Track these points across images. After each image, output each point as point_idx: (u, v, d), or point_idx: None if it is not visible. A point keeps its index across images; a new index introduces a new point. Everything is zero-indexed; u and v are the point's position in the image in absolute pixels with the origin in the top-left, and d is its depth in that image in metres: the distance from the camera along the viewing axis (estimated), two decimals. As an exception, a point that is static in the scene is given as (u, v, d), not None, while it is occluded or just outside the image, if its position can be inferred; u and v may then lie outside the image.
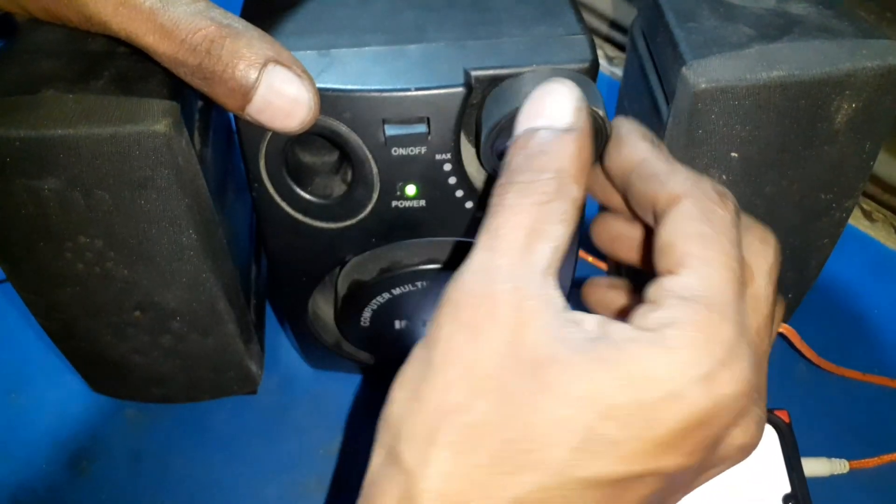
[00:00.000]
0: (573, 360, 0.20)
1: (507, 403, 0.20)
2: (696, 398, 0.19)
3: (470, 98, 0.27)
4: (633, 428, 0.19)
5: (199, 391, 0.39)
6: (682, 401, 0.19)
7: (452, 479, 0.20)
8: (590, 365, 0.20)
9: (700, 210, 0.22)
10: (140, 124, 0.26)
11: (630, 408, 0.19)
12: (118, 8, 0.25)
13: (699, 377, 0.19)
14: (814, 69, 0.29)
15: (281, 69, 0.24)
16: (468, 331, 0.21)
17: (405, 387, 0.22)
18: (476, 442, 0.20)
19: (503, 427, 0.20)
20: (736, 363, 0.20)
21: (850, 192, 0.35)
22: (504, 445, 0.20)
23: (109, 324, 0.34)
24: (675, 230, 0.22)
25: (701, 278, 0.21)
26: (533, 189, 0.22)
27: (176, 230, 0.30)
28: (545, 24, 0.28)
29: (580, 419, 0.19)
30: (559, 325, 0.21)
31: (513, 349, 0.20)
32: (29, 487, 0.40)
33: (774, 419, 0.39)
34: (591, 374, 0.20)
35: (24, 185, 0.27)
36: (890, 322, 0.46)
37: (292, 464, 0.41)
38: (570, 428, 0.19)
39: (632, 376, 0.19)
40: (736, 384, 0.20)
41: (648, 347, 0.20)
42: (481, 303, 0.21)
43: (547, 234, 0.21)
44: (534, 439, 0.20)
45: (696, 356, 0.20)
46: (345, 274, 0.35)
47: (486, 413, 0.20)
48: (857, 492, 0.39)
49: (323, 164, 0.31)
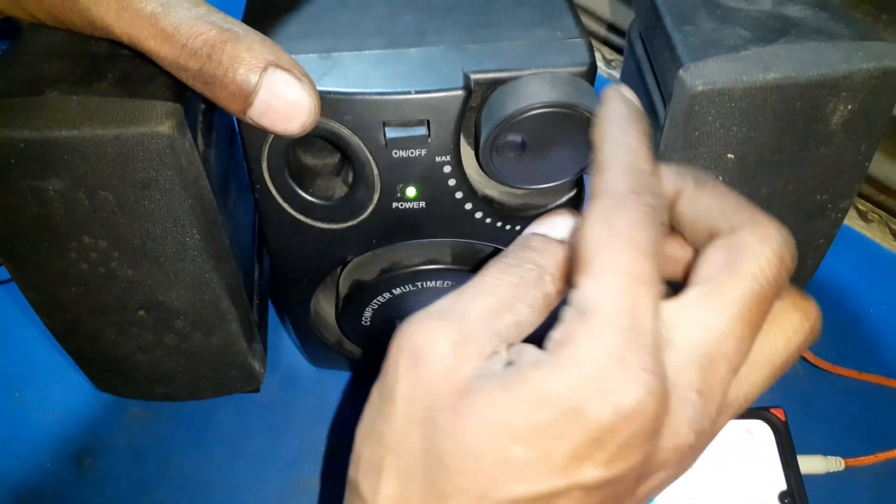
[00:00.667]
0: (485, 387, 0.21)
1: (433, 433, 0.21)
2: (594, 410, 0.19)
3: (469, 101, 0.27)
4: (540, 447, 0.20)
5: (203, 389, 0.40)
6: (581, 415, 0.20)
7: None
8: (498, 391, 0.21)
9: (601, 212, 0.21)
10: (144, 126, 0.26)
11: (533, 428, 0.20)
12: (120, 13, 0.25)
13: (593, 390, 0.20)
14: (810, 71, 0.29)
15: (281, 73, 0.25)
16: (413, 369, 0.22)
17: (364, 424, 0.24)
18: (412, 470, 0.21)
19: (430, 455, 0.21)
20: (629, 370, 0.20)
21: (846, 193, 0.35)
22: (431, 473, 0.21)
23: (113, 323, 0.34)
24: (580, 236, 0.22)
25: (594, 286, 0.21)
26: (515, 271, 0.24)
27: (179, 230, 0.30)
28: (544, 28, 0.28)
29: (491, 444, 0.20)
30: (485, 358, 0.22)
31: (444, 384, 0.21)
32: (33, 485, 0.40)
33: (771, 417, 0.39)
34: (497, 400, 0.20)
35: (28, 185, 0.28)
36: (885, 321, 0.46)
37: (294, 461, 0.41)
38: (484, 453, 0.20)
39: (530, 398, 0.20)
40: (634, 390, 0.19)
41: (545, 368, 0.20)
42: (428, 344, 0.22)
43: (514, 309, 0.23)
44: (449, 466, 0.21)
45: (586, 371, 0.20)
46: (346, 274, 0.36)
47: (418, 442, 0.21)
48: (853, 489, 0.39)
49: (324, 165, 0.31)
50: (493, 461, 0.20)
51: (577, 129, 0.27)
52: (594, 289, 0.21)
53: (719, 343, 0.22)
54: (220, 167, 0.34)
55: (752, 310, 0.22)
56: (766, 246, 0.22)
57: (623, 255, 0.21)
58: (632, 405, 0.19)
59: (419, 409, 0.22)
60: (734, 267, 0.22)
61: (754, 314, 0.22)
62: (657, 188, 0.22)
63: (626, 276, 0.21)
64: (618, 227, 0.21)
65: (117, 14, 0.25)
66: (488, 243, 0.33)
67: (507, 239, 0.32)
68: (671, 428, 0.21)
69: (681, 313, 0.22)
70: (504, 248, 0.33)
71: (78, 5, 0.25)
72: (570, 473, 0.20)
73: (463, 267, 0.34)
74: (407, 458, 0.22)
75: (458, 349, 0.22)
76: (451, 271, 0.34)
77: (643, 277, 0.21)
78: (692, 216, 0.24)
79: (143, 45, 0.25)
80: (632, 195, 0.21)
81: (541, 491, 0.20)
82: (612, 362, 0.20)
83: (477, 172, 0.30)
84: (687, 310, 0.22)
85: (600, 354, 0.20)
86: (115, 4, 0.25)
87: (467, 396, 0.21)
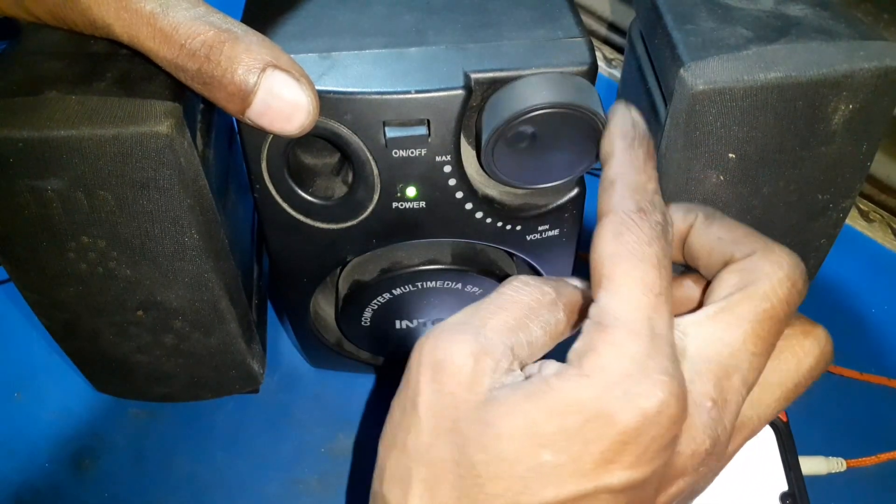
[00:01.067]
0: (510, 398, 0.22)
1: (462, 444, 0.22)
2: (619, 415, 0.20)
3: (470, 100, 0.27)
4: (567, 452, 0.21)
5: (202, 390, 0.40)
6: (608, 420, 0.20)
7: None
8: (523, 401, 0.21)
9: (613, 229, 0.22)
10: (143, 125, 0.26)
11: (563, 434, 0.21)
12: (120, 12, 0.25)
13: (618, 395, 0.21)
14: (811, 70, 0.29)
15: (280, 73, 0.25)
16: (435, 382, 0.23)
17: (386, 437, 0.24)
18: (440, 478, 0.22)
19: (458, 464, 0.22)
20: (651, 375, 0.21)
21: (848, 193, 0.35)
22: (461, 481, 0.22)
23: (112, 323, 0.34)
24: (594, 253, 0.23)
25: (611, 299, 0.22)
26: (531, 292, 0.25)
27: (178, 230, 0.30)
28: (544, 28, 0.28)
29: (519, 451, 0.21)
30: (502, 373, 0.23)
31: (467, 395, 0.22)
32: (32, 486, 0.40)
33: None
34: (523, 409, 0.21)
35: (27, 185, 0.28)
36: (887, 322, 0.46)
37: (294, 462, 0.41)
38: (515, 460, 0.21)
39: (557, 406, 0.21)
40: (657, 393, 0.20)
41: (571, 377, 0.21)
42: (449, 357, 0.23)
43: (528, 328, 0.24)
44: (481, 474, 0.21)
45: (610, 377, 0.21)
46: (346, 274, 0.36)
47: (445, 452, 0.22)
48: (855, 490, 0.39)
49: (324, 165, 0.31)
50: (525, 467, 0.21)
51: (579, 129, 0.27)
52: (611, 301, 0.22)
53: (732, 357, 0.22)
54: (220, 167, 0.33)
55: (764, 328, 0.23)
56: (779, 269, 0.23)
57: (636, 268, 0.22)
58: (656, 407, 0.20)
59: (445, 420, 0.22)
60: (747, 287, 0.23)
61: (766, 332, 0.23)
62: (662, 207, 0.23)
63: (641, 288, 0.22)
64: (629, 242, 0.22)
65: (117, 13, 0.25)
66: (488, 243, 0.33)
67: (507, 239, 0.32)
68: (688, 433, 0.22)
69: (695, 327, 0.23)
70: (504, 249, 0.33)
71: (79, 4, 0.25)
72: (599, 476, 0.21)
73: (463, 267, 0.34)
74: (435, 469, 0.22)
75: (477, 362, 0.23)
76: (451, 271, 0.34)
77: (657, 289, 0.22)
78: (707, 247, 0.25)
79: (142, 44, 0.25)
80: (640, 213, 0.22)
81: (571, 494, 0.21)
82: (635, 368, 0.21)
83: (477, 172, 0.30)
84: (701, 324, 0.23)
85: (623, 362, 0.21)
86: (114, 4, 0.25)
87: (492, 407, 0.22)
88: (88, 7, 0.25)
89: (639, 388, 0.20)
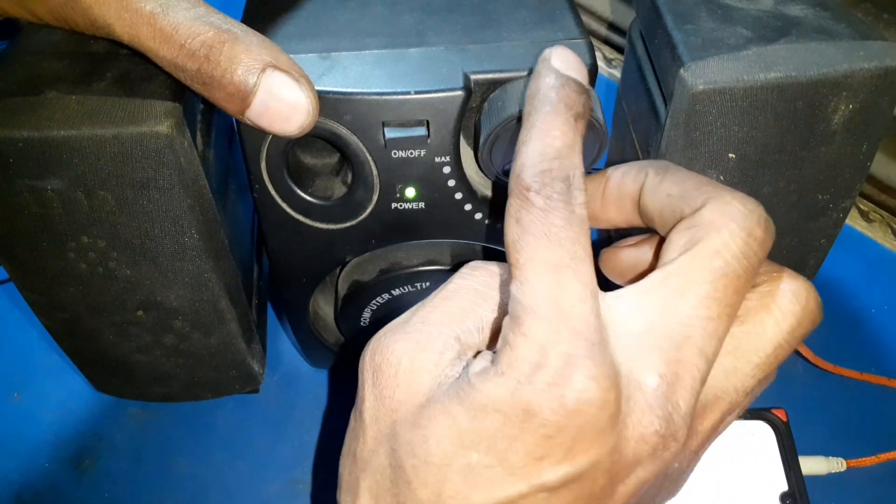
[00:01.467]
0: (441, 399, 0.21)
1: (396, 448, 0.21)
2: (536, 409, 0.19)
3: (469, 101, 0.27)
4: (493, 453, 0.20)
5: (202, 390, 0.40)
6: (528, 415, 0.19)
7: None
8: (448, 402, 0.21)
9: (513, 213, 0.21)
10: (143, 125, 0.26)
11: (484, 434, 0.20)
12: (121, 12, 0.25)
13: (535, 388, 0.19)
14: (811, 70, 0.29)
15: (279, 74, 0.25)
16: (375, 387, 0.23)
17: (344, 447, 0.24)
18: (381, 486, 0.22)
19: (395, 470, 0.21)
20: (564, 360, 0.19)
21: (848, 193, 0.35)
22: (397, 488, 0.21)
23: (112, 323, 0.34)
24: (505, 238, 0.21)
25: (517, 287, 0.20)
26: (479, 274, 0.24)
27: (178, 230, 0.30)
28: (544, 29, 0.28)
29: (449, 454, 0.20)
30: (447, 366, 0.22)
31: (405, 397, 0.22)
32: (32, 486, 0.40)
33: (772, 418, 0.39)
34: (448, 411, 0.21)
35: (27, 185, 0.28)
36: (887, 321, 0.46)
37: (294, 462, 0.41)
38: (440, 463, 0.20)
39: (478, 406, 0.20)
40: (574, 380, 0.19)
41: (488, 377, 0.20)
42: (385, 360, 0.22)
43: (475, 314, 0.23)
44: (412, 480, 0.21)
45: (521, 371, 0.20)
46: (345, 274, 0.36)
47: (384, 458, 0.22)
48: (855, 490, 0.39)
49: (323, 165, 0.31)
50: (453, 471, 0.20)
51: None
52: (519, 290, 0.20)
53: (681, 325, 0.21)
54: (219, 167, 0.33)
55: (718, 288, 0.21)
56: (730, 220, 0.21)
57: (536, 249, 0.20)
58: (575, 395, 0.19)
59: (384, 425, 0.22)
60: (695, 245, 0.21)
61: (722, 293, 0.21)
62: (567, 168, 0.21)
63: (542, 268, 0.20)
64: (526, 224, 0.20)
65: (118, 13, 0.25)
66: (487, 244, 0.33)
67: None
68: (632, 416, 0.20)
69: (638, 298, 0.21)
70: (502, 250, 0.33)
71: (80, 4, 0.25)
72: (531, 475, 0.20)
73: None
74: (377, 476, 0.22)
75: (413, 360, 0.22)
76: (451, 272, 0.34)
77: (560, 263, 0.20)
78: (658, 206, 0.23)
79: (142, 44, 0.25)
80: (535, 189, 0.20)
81: (506, 496, 0.20)
82: (546, 357, 0.19)
83: (476, 173, 0.30)
84: (646, 294, 0.21)
85: (533, 352, 0.20)
86: (115, 4, 0.25)
87: (426, 408, 0.21)
88: (89, 7, 0.25)
89: (554, 378, 0.19)
